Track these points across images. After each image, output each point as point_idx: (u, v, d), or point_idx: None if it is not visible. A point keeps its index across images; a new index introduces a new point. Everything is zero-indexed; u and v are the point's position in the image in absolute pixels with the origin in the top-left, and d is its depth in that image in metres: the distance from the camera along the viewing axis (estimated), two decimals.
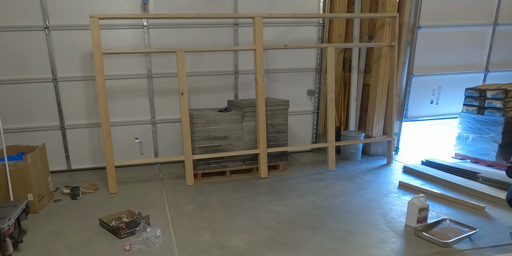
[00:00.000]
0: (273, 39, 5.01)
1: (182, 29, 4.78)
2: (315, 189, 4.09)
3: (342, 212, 3.48)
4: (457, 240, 2.82)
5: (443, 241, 2.80)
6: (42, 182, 3.74)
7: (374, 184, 4.23)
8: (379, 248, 2.80)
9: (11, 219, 2.76)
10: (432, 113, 5.53)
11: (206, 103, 5.06)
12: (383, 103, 5.21)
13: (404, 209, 3.39)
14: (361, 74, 5.42)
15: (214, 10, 4.77)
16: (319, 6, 5.14)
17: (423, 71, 5.26)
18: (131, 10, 4.58)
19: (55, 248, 2.89)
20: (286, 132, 4.70)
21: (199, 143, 4.36)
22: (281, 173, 4.69)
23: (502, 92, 4.60)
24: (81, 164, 4.93)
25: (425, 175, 4.40)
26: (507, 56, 5.59)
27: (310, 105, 5.55)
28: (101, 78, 3.88)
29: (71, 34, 4.48)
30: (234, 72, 5.13)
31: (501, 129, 4.59)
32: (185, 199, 3.87)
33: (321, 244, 2.87)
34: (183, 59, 4.05)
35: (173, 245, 2.91)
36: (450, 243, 2.79)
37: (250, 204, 3.71)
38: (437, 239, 2.83)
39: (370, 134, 5.32)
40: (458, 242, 2.83)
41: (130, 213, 3.37)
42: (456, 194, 3.83)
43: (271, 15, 4.31)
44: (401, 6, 4.92)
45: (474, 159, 4.91)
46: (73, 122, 4.76)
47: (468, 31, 5.31)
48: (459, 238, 2.83)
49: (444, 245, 2.78)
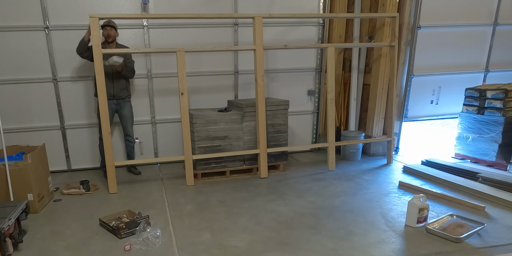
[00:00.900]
0: (273, 39, 5.01)
1: (182, 29, 4.78)
2: (315, 189, 4.09)
3: (342, 212, 3.48)
4: (468, 235, 2.87)
5: (456, 236, 2.84)
6: (42, 182, 3.74)
7: (374, 184, 4.23)
8: (379, 248, 2.80)
9: (11, 219, 2.76)
10: (432, 113, 5.53)
11: (206, 103, 5.06)
12: (383, 103, 5.21)
13: (404, 209, 3.39)
14: (361, 74, 5.42)
15: (214, 10, 4.77)
16: (319, 6, 5.14)
17: (423, 71, 5.26)
18: (131, 10, 4.59)
19: (55, 248, 2.89)
20: (286, 132, 4.70)
21: (199, 143, 4.36)
22: (281, 173, 4.69)
23: (502, 92, 4.60)
24: (81, 164, 4.93)
25: (425, 175, 4.40)
26: (507, 56, 5.59)
27: (310, 105, 5.55)
28: (101, 78, 3.88)
29: (71, 34, 4.47)
30: (234, 72, 5.13)
31: (501, 129, 4.59)
32: (185, 199, 3.87)
33: (321, 244, 2.87)
34: (183, 59, 4.05)
35: (173, 245, 2.91)
36: (463, 238, 2.83)
37: (250, 204, 3.71)
38: (449, 234, 2.87)
39: (370, 134, 5.32)
40: (469, 237, 2.87)
41: (130, 213, 3.37)
42: (456, 194, 3.83)
43: (271, 15, 4.31)
44: (401, 6, 4.92)
45: (474, 159, 4.91)
46: (73, 122, 4.76)
47: (468, 31, 5.31)
48: (470, 233, 2.88)
49: (457, 241, 2.82)
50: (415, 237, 2.96)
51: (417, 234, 3.01)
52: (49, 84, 4.58)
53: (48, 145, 4.25)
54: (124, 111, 4.48)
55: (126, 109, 4.49)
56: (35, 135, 4.64)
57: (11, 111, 4.51)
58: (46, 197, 3.81)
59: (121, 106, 4.44)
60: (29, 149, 3.81)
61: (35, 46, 4.43)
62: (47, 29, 4.41)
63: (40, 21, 4.37)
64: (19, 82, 4.49)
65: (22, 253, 2.84)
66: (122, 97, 4.40)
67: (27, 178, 3.44)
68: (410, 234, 3.02)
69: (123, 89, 4.38)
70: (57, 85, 4.59)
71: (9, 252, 2.71)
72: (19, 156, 3.65)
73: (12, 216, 2.79)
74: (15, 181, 3.36)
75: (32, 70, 4.49)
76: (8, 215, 2.76)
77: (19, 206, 2.96)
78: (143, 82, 4.85)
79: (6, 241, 2.66)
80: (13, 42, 4.37)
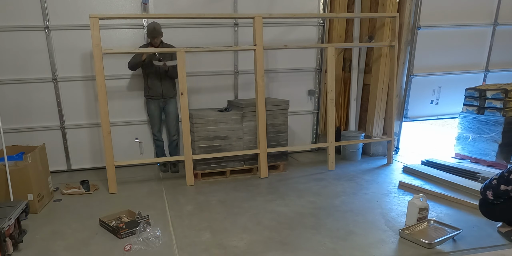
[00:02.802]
0: (273, 39, 5.00)
1: (182, 29, 4.78)
2: (315, 189, 4.09)
3: (342, 212, 3.48)
4: (441, 241, 2.79)
5: (427, 241, 2.76)
6: (42, 182, 3.74)
7: (374, 184, 4.23)
8: (379, 248, 2.80)
9: (11, 219, 2.76)
10: (432, 113, 5.52)
11: (206, 103, 5.05)
12: (383, 103, 5.21)
13: (404, 209, 3.39)
14: (361, 74, 5.41)
15: (214, 10, 4.77)
16: (319, 6, 5.14)
17: (423, 71, 5.26)
18: (131, 10, 4.59)
19: (55, 248, 2.89)
20: (286, 132, 4.70)
21: (199, 143, 4.36)
22: (281, 173, 4.69)
23: (502, 92, 4.60)
24: (81, 164, 4.93)
25: (425, 175, 4.40)
26: (507, 56, 5.58)
27: (310, 105, 5.55)
28: (101, 78, 3.88)
29: (71, 34, 4.48)
30: (234, 72, 5.13)
31: (501, 129, 4.58)
32: (185, 199, 3.87)
33: (321, 244, 2.87)
34: (183, 59, 4.05)
35: (173, 245, 2.91)
36: (434, 244, 2.76)
37: (250, 204, 3.71)
38: (421, 240, 2.79)
39: (370, 134, 5.32)
40: (442, 243, 2.80)
41: (130, 213, 3.37)
42: (456, 194, 3.83)
43: (271, 15, 4.32)
44: (401, 6, 4.92)
45: (474, 159, 4.90)
46: (73, 122, 4.76)
47: (468, 31, 5.31)
48: (443, 239, 2.80)
49: (428, 246, 2.75)
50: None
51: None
52: (49, 84, 4.58)
53: (48, 145, 4.25)
54: (170, 108, 4.62)
55: (173, 106, 4.64)
56: (35, 135, 4.64)
57: (11, 111, 4.51)
58: (46, 197, 3.81)
59: (167, 103, 4.59)
60: (29, 149, 3.80)
61: (35, 46, 4.43)
62: (47, 29, 4.41)
63: (40, 21, 4.37)
64: (19, 82, 4.49)
65: (22, 253, 2.84)
66: (170, 96, 4.57)
67: (27, 178, 3.44)
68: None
69: (170, 88, 4.54)
70: (57, 85, 4.59)
71: (9, 252, 2.71)
72: (19, 156, 3.65)
73: (12, 216, 2.79)
74: (15, 181, 3.36)
75: (32, 70, 4.49)
76: (8, 215, 2.76)
77: (19, 206, 2.97)
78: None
79: (6, 241, 2.66)
80: (13, 42, 4.37)
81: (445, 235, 2.86)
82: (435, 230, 2.99)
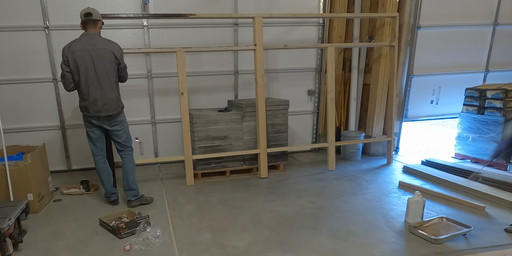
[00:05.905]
0: (273, 39, 5.00)
1: (182, 29, 4.78)
2: (315, 189, 4.09)
3: (342, 212, 3.48)
4: (448, 237, 2.85)
5: (434, 237, 2.83)
6: (42, 182, 3.74)
7: (374, 184, 4.23)
8: (379, 248, 2.80)
9: (11, 219, 2.76)
10: (432, 113, 5.52)
11: (206, 103, 5.05)
12: (383, 103, 5.21)
13: (404, 209, 3.38)
14: (361, 74, 5.42)
15: (214, 10, 4.77)
16: (319, 6, 5.14)
17: (423, 71, 5.26)
18: (131, 10, 4.58)
19: (55, 248, 2.89)
20: (286, 132, 4.69)
21: (199, 143, 4.36)
22: (281, 173, 4.69)
23: (502, 92, 4.60)
24: (81, 164, 4.92)
25: (425, 175, 4.40)
26: (507, 56, 5.59)
27: (310, 105, 5.55)
28: None
29: (71, 34, 4.45)
30: (234, 72, 5.13)
31: (501, 129, 4.58)
32: (185, 199, 3.87)
33: (321, 244, 2.87)
34: (183, 59, 4.05)
35: (173, 245, 2.91)
36: (441, 239, 2.82)
37: (250, 204, 3.71)
38: (428, 235, 2.87)
39: (370, 134, 5.32)
40: (450, 239, 2.86)
41: (130, 213, 3.37)
42: (456, 194, 3.83)
43: (271, 15, 4.31)
44: (401, 6, 4.92)
45: (474, 159, 4.90)
46: (73, 122, 4.76)
47: (468, 31, 5.31)
48: (451, 235, 2.87)
49: (435, 242, 2.81)
50: (415, 237, 2.95)
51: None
52: (49, 84, 4.58)
53: (48, 145, 4.25)
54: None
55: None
56: (35, 135, 4.64)
57: (11, 111, 4.50)
58: (46, 197, 3.81)
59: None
60: (29, 149, 3.80)
61: (35, 46, 4.43)
62: (47, 29, 4.40)
63: (40, 21, 4.37)
64: (19, 82, 4.49)
65: (22, 253, 2.84)
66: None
67: (27, 178, 3.44)
68: (410, 233, 3.01)
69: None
70: (57, 85, 4.59)
71: (9, 252, 2.71)
72: (19, 156, 3.64)
73: (12, 216, 2.79)
74: (15, 181, 3.36)
75: (32, 70, 4.49)
76: (8, 215, 2.76)
77: (19, 206, 2.96)
78: (143, 82, 4.84)
79: (6, 241, 2.66)
80: (13, 42, 4.36)
81: (454, 232, 2.93)
82: (446, 227, 3.05)
